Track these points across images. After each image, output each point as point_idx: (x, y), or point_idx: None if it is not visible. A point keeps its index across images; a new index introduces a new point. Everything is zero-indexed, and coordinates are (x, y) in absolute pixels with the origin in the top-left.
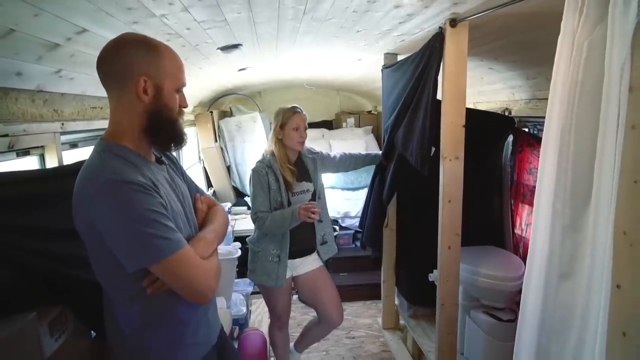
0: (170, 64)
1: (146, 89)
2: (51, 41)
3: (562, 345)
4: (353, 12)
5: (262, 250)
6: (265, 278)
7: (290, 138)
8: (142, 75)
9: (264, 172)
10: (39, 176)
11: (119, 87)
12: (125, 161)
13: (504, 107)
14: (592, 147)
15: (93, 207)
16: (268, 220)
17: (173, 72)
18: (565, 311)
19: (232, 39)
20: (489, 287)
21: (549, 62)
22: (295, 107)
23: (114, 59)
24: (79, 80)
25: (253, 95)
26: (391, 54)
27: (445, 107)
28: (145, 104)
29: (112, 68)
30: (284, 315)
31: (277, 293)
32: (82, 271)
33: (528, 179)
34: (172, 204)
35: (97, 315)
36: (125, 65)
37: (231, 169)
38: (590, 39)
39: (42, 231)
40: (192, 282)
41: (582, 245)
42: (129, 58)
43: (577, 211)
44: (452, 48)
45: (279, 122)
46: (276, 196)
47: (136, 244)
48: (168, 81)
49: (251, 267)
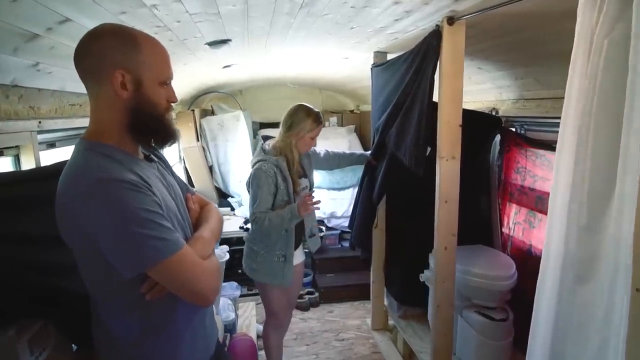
0: (151, 55)
1: (125, 83)
2: (30, 31)
3: (581, 349)
4: (351, 7)
5: (266, 251)
6: (271, 278)
7: (305, 144)
8: (118, 69)
9: (272, 172)
10: (15, 179)
11: (96, 83)
12: (111, 159)
13: (491, 107)
14: (612, 146)
15: (81, 209)
16: (267, 221)
17: (154, 64)
18: (584, 314)
19: (221, 34)
20: (481, 286)
21: (539, 62)
22: (320, 115)
23: (89, 52)
24: (58, 74)
25: (234, 93)
26: (381, 52)
27: (442, 107)
28: (125, 100)
29: (88, 62)
30: (281, 312)
31: (279, 290)
32: (64, 280)
33: (516, 178)
34: (167, 202)
35: (80, 328)
36: (100, 58)
37: (213, 169)
38: (611, 36)
39: (18, 238)
40: (195, 284)
41: (601, 246)
42: (104, 50)
43: (595, 212)
44: (450, 46)
45: (305, 128)
46: (283, 196)
47: (132, 246)
48: (148, 74)
49: (253, 267)
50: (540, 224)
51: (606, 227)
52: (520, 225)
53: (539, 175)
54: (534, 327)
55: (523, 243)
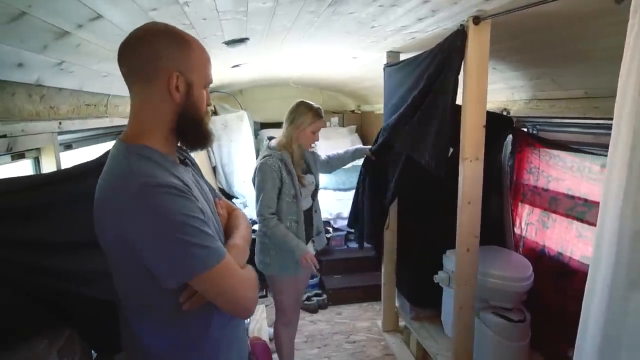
0: (200, 58)
1: (178, 86)
2: (61, 28)
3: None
4: (379, 6)
5: (277, 244)
6: (285, 269)
7: (306, 139)
8: (174, 71)
9: (277, 166)
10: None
11: (147, 83)
12: (155, 163)
13: (502, 107)
14: None
15: (126, 216)
16: (273, 228)
17: (202, 68)
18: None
19: (242, 32)
20: (498, 287)
21: (557, 63)
22: (320, 110)
23: (144, 51)
24: (78, 73)
25: (234, 93)
26: (394, 52)
27: (466, 108)
28: (177, 102)
29: (141, 61)
30: (290, 308)
31: (289, 284)
32: (86, 288)
33: (528, 179)
34: (204, 208)
35: (101, 334)
36: (157, 58)
37: (217, 169)
38: None
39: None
40: (236, 294)
41: None
42: (162, 50)
43: None
44: (475, 47)
45: (305, 122)
46: (290, 189)
47: (178, 255)
48: (198, 77)
49: (267, 261)
50: (555, 224)
51: None
52: (533, 226)
53: (553, 176)
54: (581, 333)
55: (536, 244)
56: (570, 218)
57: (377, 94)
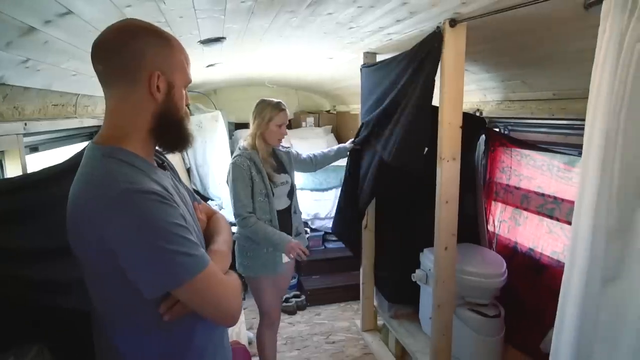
0: (180, 57)
1: (158, 86)
2: (27, 24)
3: (610, 347)
4: (358, 7)
5: (255, 245)
6: (264, 269)
7: (272, 134)
8: (156, 70)
9: (245, 165)
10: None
11: (128, 83)
12: (134, 167)
13: (475, 108)
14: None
15: (105, 223)
16: (253, 226)
17: (183, 67)
18: (613, 314)
19: (218, 32)
20: (474, 284)
21: (527, 65)
22: (281, 103)
23: (123, 48)
24: (46, 72)
25: (208, 93)
26: (371, 53)
27: (443, 108)
28: (158, 103)
29: (120, 59)
30: (272, 308)
31: (269, 285)
32: (58, 298)
33: (501, 177)
34: (185, 214)
35: (74, 350)
36: (139, 57)
37: (191, 171)
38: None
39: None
40: (221, 303)
41: (630, 246)
42: (144, 49)
43: (626, 213)
44: (452, 49)
45: (265, 117)
46: (260, 187)
47: (161, 264)
48: (179, 77)
49: (246, 263)
50: (526, 221)
51: (637, 226)
52: (505, 223)
53: (525, 175)
54: (558, 326)
55: (509, 240)
56: (541, 215)
57: (352, 94)
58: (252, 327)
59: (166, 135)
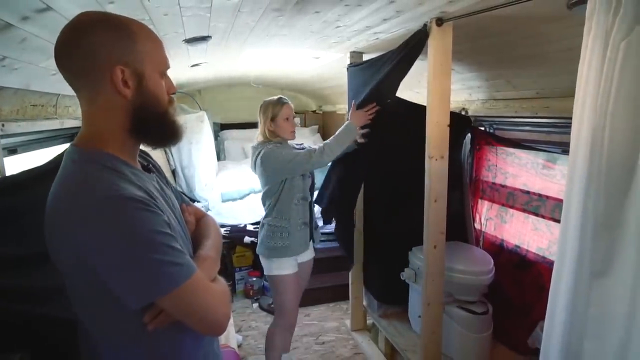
0: (147, 43)
1: (125, 80)
2: (2, 20)
3: (599, 344)
4: (345, 5)
5: (289, 224)
6: (301, 248)
7: (283, 129)
8: (117, 65)
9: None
10: None
11: (90, 84)
12: (114, 172)
13: (460, 107)
14: (630, 144)
15: (85, 231)
16: (321, 149)
17: (153, 53)
18: (601, 309)
19: (204, 31)
20: (462, 282)
21: (511, 65)
22: (282, 98)
23: (78, 49)
24: (24, 71)
25: (192, 93)
26: (357, 52)
27: (431, 107)
28: (128, 99)
29: (78, 62)
30: (293, 309)
31: (295, 284)
32: (39, 306)
33: (487, 176)
34: (171, 220)
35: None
36: (94, 55)
37: (176, 172)
38: (629, 39)
39: None
40: (208, 311)
41: (618, 242)
42: (98, 45)
43: (613, 208)
44: (439, 47)
45: (270, 115)
46: (299, 189)
47: (145, 274)
48: (149, 65)
49: (280, 244)
50: (512, 219)
51: (625, 221)
52: (492, 221)
53: (510, 172)
54: (549, 323)
55: (495, 238)
56: (526, 212)
57: (338, 94)
58: (241, 329)
59: (149, 131)
